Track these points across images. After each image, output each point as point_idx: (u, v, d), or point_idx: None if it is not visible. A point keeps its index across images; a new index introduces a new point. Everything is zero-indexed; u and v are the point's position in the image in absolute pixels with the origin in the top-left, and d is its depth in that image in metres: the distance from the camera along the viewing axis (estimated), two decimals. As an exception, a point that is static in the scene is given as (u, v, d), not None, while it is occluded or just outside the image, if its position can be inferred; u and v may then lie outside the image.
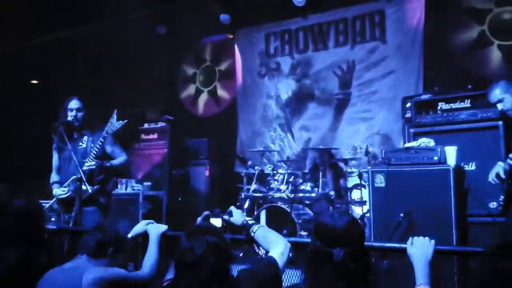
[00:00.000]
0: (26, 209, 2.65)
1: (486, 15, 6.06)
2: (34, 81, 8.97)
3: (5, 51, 8.10)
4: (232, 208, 2.47)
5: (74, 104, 4.09)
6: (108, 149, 4.11)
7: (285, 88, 7.67)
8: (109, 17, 7.38)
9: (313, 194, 5.92)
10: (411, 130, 5.06)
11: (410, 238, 2.09)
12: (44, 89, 8.64)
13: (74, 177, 3.90)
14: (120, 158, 4.18)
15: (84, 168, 3.83)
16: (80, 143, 4.10)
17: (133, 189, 6.12)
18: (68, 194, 3.92)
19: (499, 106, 3.54)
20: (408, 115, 5.46)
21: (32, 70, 8.56)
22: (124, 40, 7.77)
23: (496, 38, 6.00)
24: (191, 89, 8.71)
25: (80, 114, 4.08)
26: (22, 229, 2.55)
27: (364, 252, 1.87)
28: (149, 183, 6.36)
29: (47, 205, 3.89)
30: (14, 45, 8.10)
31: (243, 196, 6.27)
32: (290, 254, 2.16)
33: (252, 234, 2.31)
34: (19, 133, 7.90)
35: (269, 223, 5.50)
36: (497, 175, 3.44)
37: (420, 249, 2.02)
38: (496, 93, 3.54)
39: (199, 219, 2.50)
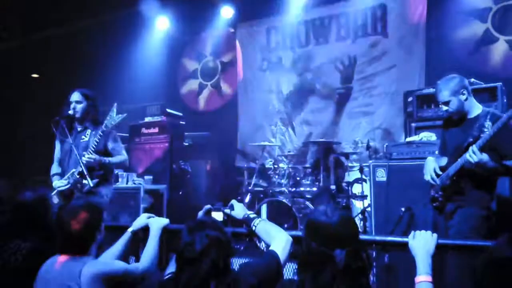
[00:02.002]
0: (34, 202, 2.66)
1: (487, 14, 6.04)
2: (35, 75, 8.95)
3: (6, 46, 8.09)
4: (234, 201, 2.46)
5: (74, 96, 4.06)
6: (110, 145, 4.06)
7: (286, 82, 7.65)
8: (109, 11, 7.36)
9: (314, 189, 5.91)
10: (413, 125, 5.05)
11: (412, 232, 2.08)
12: (44, 84, 8.63)
13: (74, 170, 3.88)
14: (119, 157, 4.12)
15: (83, 161, 3.80)
16: (83, 136, 4.07)
17: (134, 183, 6.11)
18: (68, 186, 3.89)
19: (444, 108, 3.29)
20: (410, 109, 5.44)
21: (32, 65, 8.55)
22: (124, 34, 7.75)
23: (501, 34, 5.96)
24: (192, 84, 8.69)
25: (79, 106, 4.04)
26: (29, 221, 2.58)
27: (362, 247, 1.79)
28: (150, 177, 6.34)
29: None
30: (15, 40, 8.09)
31: (243, 190, 6.27)
32: (291, 248, 2.15)
33: (254, 228, 2.30)
34: (20, 127, 7.91)
35: (270, 218, 5.50)
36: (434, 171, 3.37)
37: (422, 242, 2.01)
38: (444, 94, 3.24)
39: (200, 213, 2.49)
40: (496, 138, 2.96)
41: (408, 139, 4.71)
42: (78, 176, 3.83)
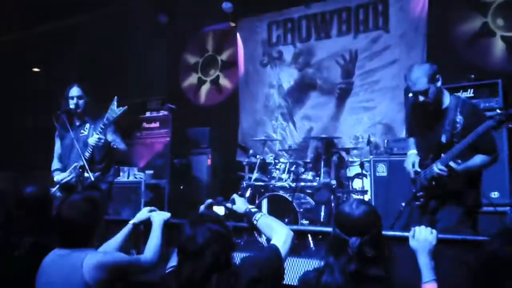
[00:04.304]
0: (36, 196, 2.69)
1: (488, 7, 6.01)
2: (36, 69, 8.95)
3: (7, 39, 8.09)
4: (235, 196, 2.48)
5: (75, 91, 4.08)
6: (109, 137, 4.09)
7: (287, 77, 7.65)
8: (110, 5, 7.36)
9: (315, 183, 5.92)
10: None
11: (412, 230, 2.08)
12: (45, 78, 8.63)
13: (76, 164, 3.90)
14: (122, 146, 4.18)
15: (91, 142, 3.82)
16: (82, 131, 4.09)
17: (135, 178, 6.13)
18: (70, 179, 3.92)
19: (421, 98, 3.09)
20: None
21: (33, 58, 8.54)
22: (125, 29, 7.73)
23: (499, 29, 5.96)
24: (193, 78, 8.69)
25: (81, 102, 4.07)
26: (32, 216, 2.61)
27: (381, 240, 1.88)
28: (151, 172, 6.36)
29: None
30: (15, 33, 8.08)
31: (244, 185, 6.27)
32: (292, 243, 2.16)
33: (255, 222, 2.31)
34: (20, 121, 7.92)
35: (271, 212, 5.51)
36: (413, 166, 3.31)
37: (422, 242, 2.02)
38: (422, 81, 3.04)
39: (201, 207, 2.50)
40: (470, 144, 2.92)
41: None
42: (79, 170, 3.85)
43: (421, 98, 3.11)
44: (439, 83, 3.10)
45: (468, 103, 3.18)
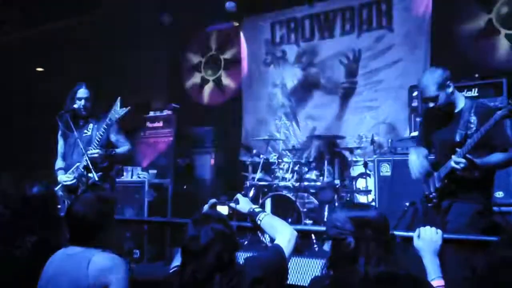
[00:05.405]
0: (41, 195, 2.69)
1: (493, 4, 5.98)
2: (40, 69, 8.95)
3: (8, 39, 8.10)
4: (239, 195, 2.47)
5: (83, 93, 4.10)
6: (113, 137, 4.12)
7: (291, 76, 7.64)
8: (113, 5, 7.36)
9: (318, 183, 5.91)
10: (417, 119, 5.04)
11: (417, 230, 2.06)
12: (46, 78, 8.63)
13: (78, 164, 3.91)
14: (124, 147, 4.19)
15: (88, 155, 3.84)
16: (86, 131, 4.11)
17: (139, 177, 6.14)
18: (73, 181, 3.93)
19: (431, 104, 3.17)
20: (415, 104, 5.45)
21: (34, 58, 8.55)
22: (128, 28, 7.74)
23: (503, 27, 5.92)
24: (196, 78, 8.69)
25: (88, 103, 4.10)
26: (37, 215, 2.61)
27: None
28: (154, 171, 6.36)
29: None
30: (17, 33, 8.09)
31: (248, 184, 6.28)
32: (296, 242, 2.16)
33: (258, 222, 2.30)
34: (22, 121, 7.93)
35: (274, 212, 5.51)
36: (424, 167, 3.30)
37: (427, 242, 2.00)
38: (431, 89, 3.11)
39: (205, 207, 2.49)
40: (484, 137, 2.91)
41: (413, 134, 4.71)
42: (82, 170, 3.87)
43: (431, 104, 3.18)
44: (450, 89, 3.14)
45: (481, 103, 3.21)
